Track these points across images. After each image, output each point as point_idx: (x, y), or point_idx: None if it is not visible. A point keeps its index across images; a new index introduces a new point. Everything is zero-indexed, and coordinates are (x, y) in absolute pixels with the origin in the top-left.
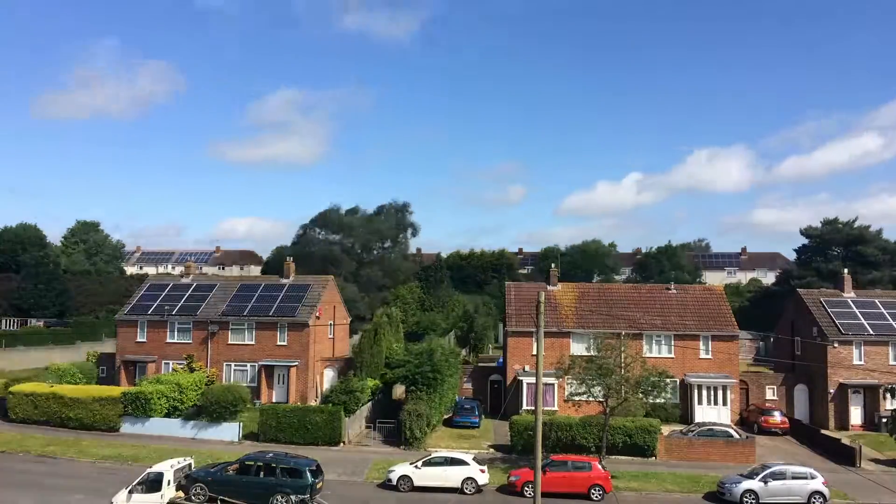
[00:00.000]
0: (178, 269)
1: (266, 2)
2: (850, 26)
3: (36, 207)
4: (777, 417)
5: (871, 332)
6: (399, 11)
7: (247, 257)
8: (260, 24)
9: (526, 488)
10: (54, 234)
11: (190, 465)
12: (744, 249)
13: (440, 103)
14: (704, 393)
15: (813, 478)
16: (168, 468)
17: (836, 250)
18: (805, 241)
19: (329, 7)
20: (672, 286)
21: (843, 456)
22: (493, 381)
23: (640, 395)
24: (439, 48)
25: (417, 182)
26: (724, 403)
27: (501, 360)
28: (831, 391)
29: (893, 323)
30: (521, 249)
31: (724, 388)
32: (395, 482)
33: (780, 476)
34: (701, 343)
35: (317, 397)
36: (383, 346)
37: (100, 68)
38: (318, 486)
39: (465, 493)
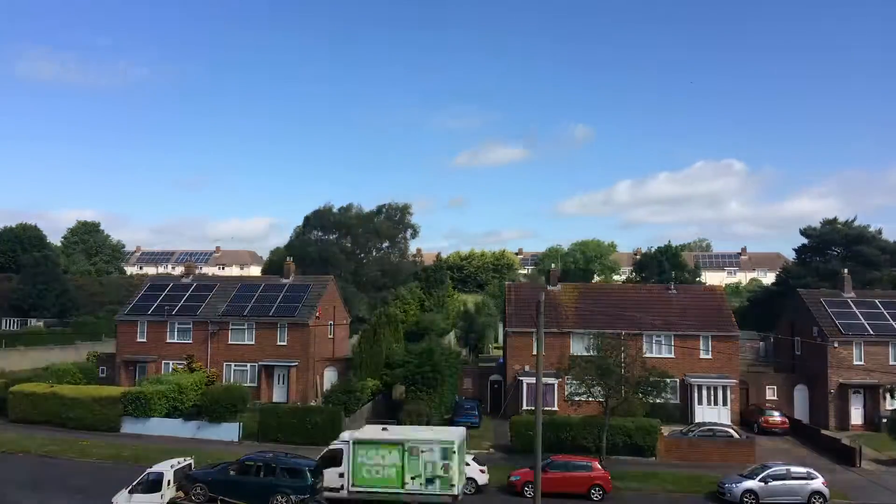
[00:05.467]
0: (178, 269)
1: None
2: None
3: (36, 207)
4: (777, 417)
5: (871, 332)
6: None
7: (247, 257)
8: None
9: (526, 488)
10: (54, 234)
11: (190, 465)
12: (744, 249)
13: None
14: (704, 393)
15: (813, 478)
16: (168, 468)
17: (836, 250)
18: (805, 240)
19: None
20: (672, 286)
21: (843, 456)
22: (493, 381)
23: (640, 395)
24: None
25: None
26: (725, 403)
27: (501, 360)
28: (831, 391)
29: (893, 323)
30: (521, 249)
31: (725, 388)
32: None
33: (780, 476)
34: (701, 343)
35: (317, 397)
36: (382, 346)
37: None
38: (318, 487)
39: (465, 493)
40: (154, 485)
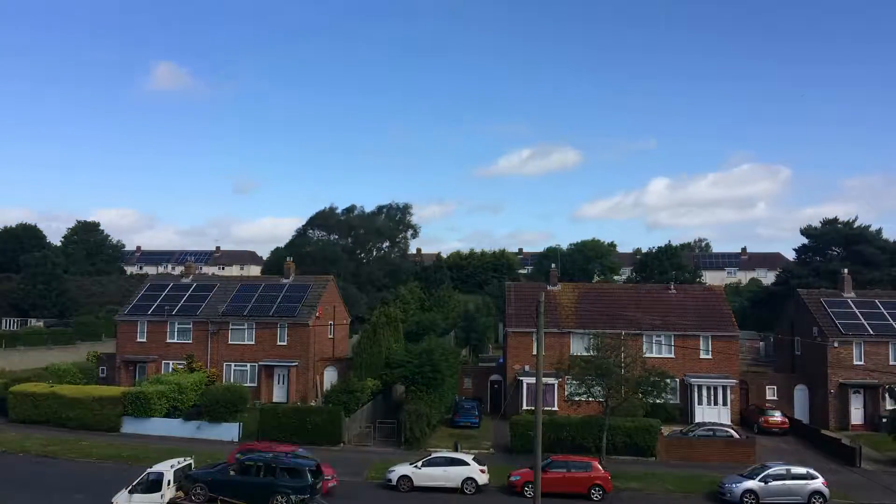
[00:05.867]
0: (178, 269)
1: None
2: None
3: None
4: (777, 417)
5: (871, 332)
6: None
7: (247, 257)
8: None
9: (526, 488)
10: (54, 234)
11: (190, 465)
12: (744, 249)
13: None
14: (704, 393)
15: (813, 478)
16: (168, 468)
17: (836, 250)
18: (805, 240)
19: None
20: (672, 286)
21: (843, 456)
22: (493, 381)
23: (640, 395)
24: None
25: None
26: (724, 403)
27: (501, 359)
28: (831, 391)
29: (893, 323)
30: (521, 249)
31: (724, 388)
32: (394, 482)
33: (780, 476)
34: (701, 343)
35: (317, 397)
36: (382, 345)
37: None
38: (318, 487)
39: (465, 493)
40: (154, 485)
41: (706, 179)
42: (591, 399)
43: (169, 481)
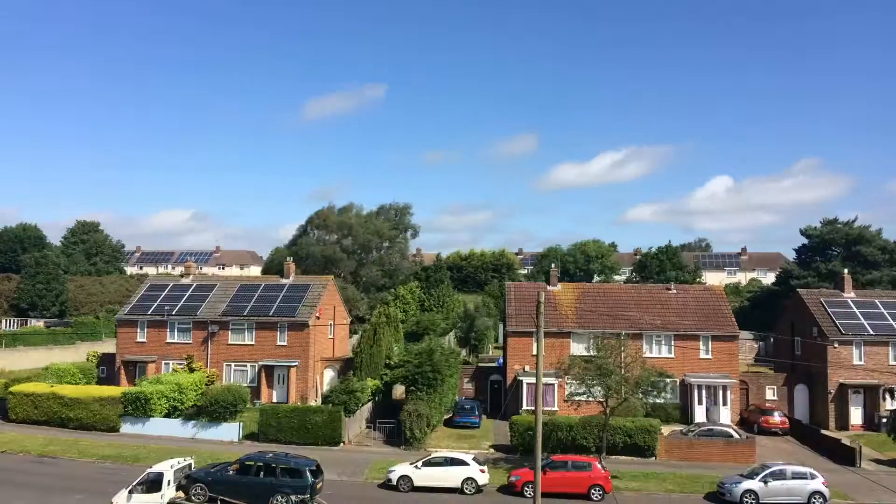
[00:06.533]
0: (178, 270)
1: None
2: None
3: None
4: (777, 417)
5: (871, 332)
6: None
7: (247, 257)
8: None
9: (526, 488)
10: (54, 234)
11: (190, 465)
12: (744, 249)
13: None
14: (704, 393)
15: (813, 478)
16: (168, 468)
17: (836, 250)
18: (805, 240)
19: None
20: (672, 286)
21: (843, 456)
22: (493, 381)
23: (640, 395)
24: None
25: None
26: (724, 403)
27: (501, 360)
28: (831, 391)
29: (893, 323)
30: (521, 249)
31: (724, 388)
32: (395, 482)
33: (780, 476)
34: (701, 343)
35: (317, 397)
36: (383, 345)
37: None
38: (318, 487)
39: (465, 494)
40: (154, 485)
41: (762, 184)
42: (591, 399)
43: (169, 481)
